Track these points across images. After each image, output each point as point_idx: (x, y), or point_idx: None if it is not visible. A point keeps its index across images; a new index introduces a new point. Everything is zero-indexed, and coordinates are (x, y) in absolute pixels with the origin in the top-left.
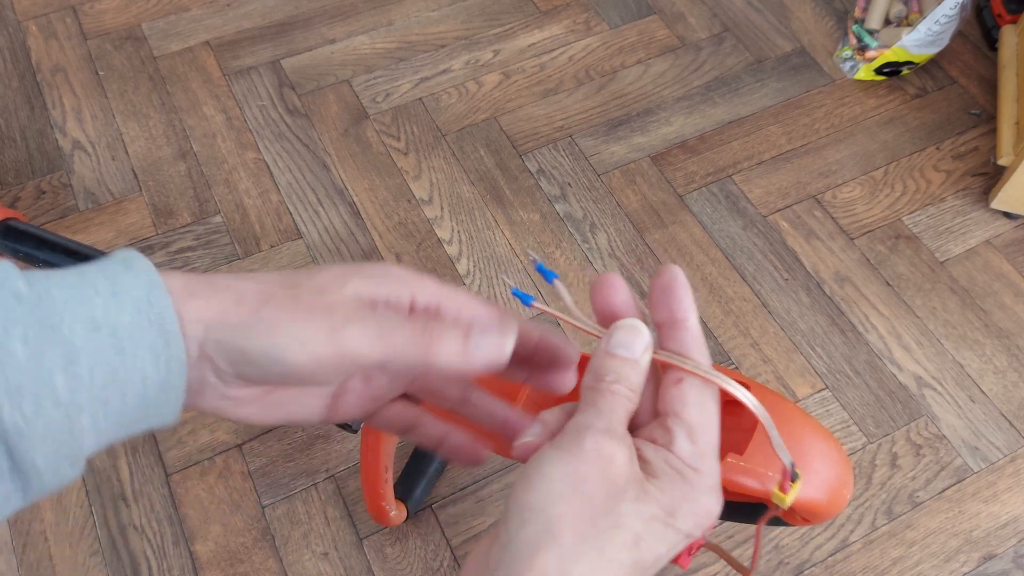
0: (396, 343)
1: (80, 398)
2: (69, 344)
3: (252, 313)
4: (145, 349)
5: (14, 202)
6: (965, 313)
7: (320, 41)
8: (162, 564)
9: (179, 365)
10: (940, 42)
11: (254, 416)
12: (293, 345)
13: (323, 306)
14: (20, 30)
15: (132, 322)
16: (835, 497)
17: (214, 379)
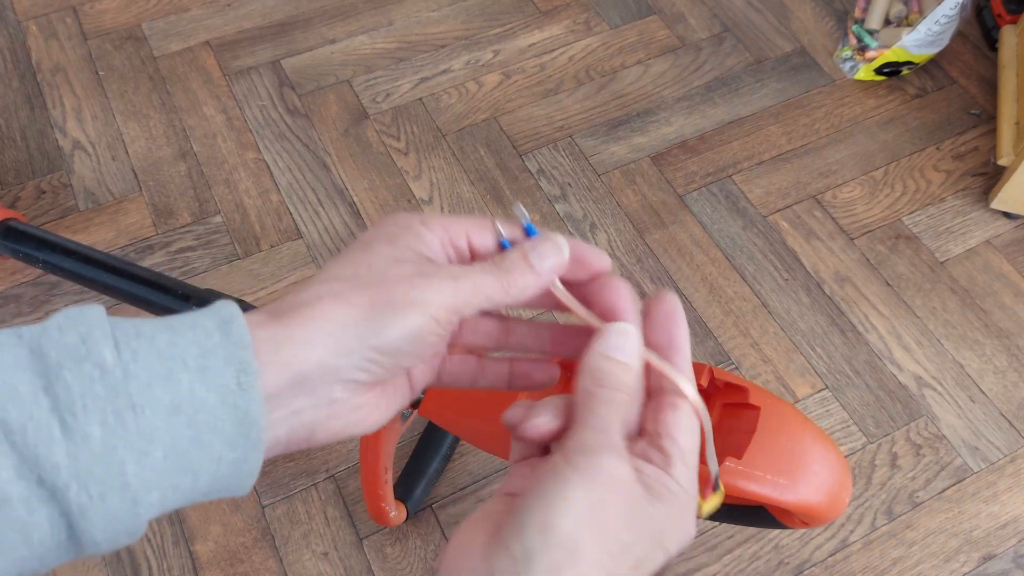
0: (483, 289)
1: (149, 478)
2: (147, 429)
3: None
4: (223, 435)
5: (14, 202)
6: (965, 313)
7: (320, 41)
8: (162, 564)
9: (255, 447)
10: (940, 42)
11: (381, 416)
12: (423, 313)
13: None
14: (20, 30)
15: (216, 404)
16: (833, 501)
17: (342, 394)
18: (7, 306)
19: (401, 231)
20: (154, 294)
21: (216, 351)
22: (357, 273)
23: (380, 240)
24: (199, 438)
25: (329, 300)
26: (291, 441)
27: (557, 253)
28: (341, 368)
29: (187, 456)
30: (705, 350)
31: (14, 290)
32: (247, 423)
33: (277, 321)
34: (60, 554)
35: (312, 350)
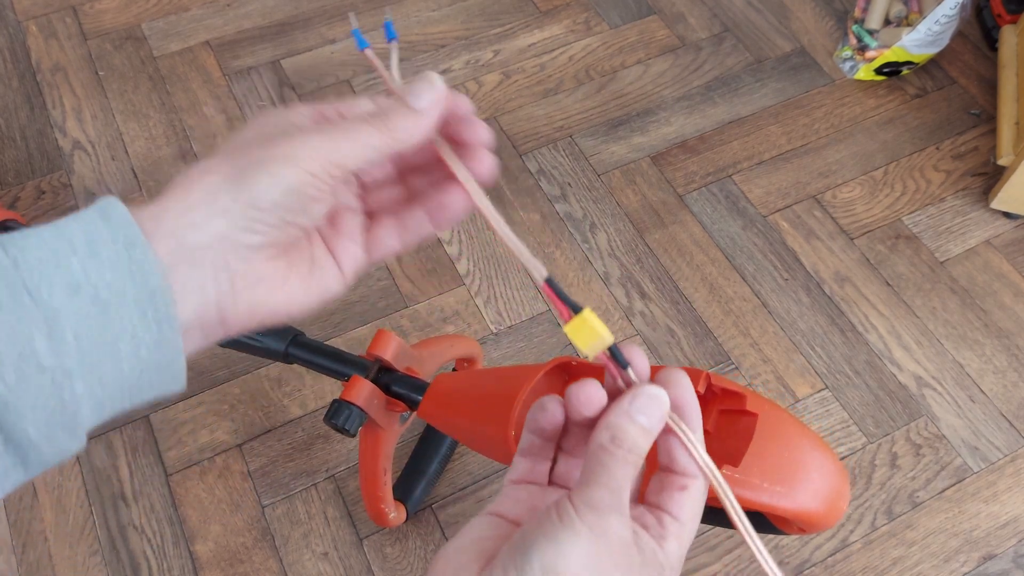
0: (363, 139)
1: (67, 363)
2: (48, 308)
3: (231, 171)
4: (130, 308)
5: (14, 202)
6: (965, 313)
7: (320, 41)
8: (162, 564)
9: (170, 321)
10: (940, 42)
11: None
12: (292, 167)
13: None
14: (20, 30)
15: (114, 280)
16: (831, 508)
17: (237, 264)
18: None
19: (270, 114)
20: None
21: (100, 232)
22: (226, 147)
23: (249, 127)
24: (106, 316)
25: (197, 173)
26: (204, 323)
27: (431, 88)
28: (225, 232)
29: (100, 337)
30: (705, 350)
31: None
32: (152, 293)
33: (154, 203)
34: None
35: (191, 216)
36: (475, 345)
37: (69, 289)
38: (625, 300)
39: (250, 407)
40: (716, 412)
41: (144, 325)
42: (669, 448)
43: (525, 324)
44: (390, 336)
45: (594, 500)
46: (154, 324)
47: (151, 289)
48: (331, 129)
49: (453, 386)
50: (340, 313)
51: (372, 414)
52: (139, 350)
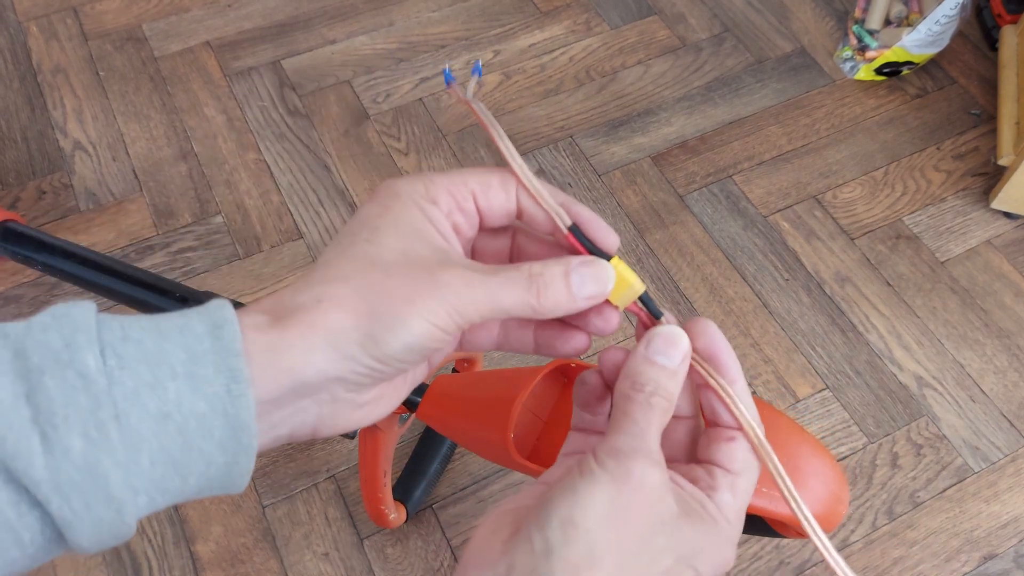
0: (506, 302)
1: (136, 484)
2: (133, 436)
3: (364, 316)
4: (214, 442)
5: (15, 203)
6: (966, 313)
7: (321, 42)
8: (163, 565)
9: (247, 452)
10: (940, 42)
11: (388, 406)
12: (422, 326)
13: (426, 275)
14: (21, 31)
15: (206, 412)
16: (829, 513)
17: (345, 394)
18: (7, 307)
19: (405, 213)
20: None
21: (206, 357)
22: (360, 271)
23: (386, 229)
24: (188, 444)
25: (329, 305)
26: (294, 436)
27: (601, 283)
28: (343, 374)
29: (176, 463)
30: None
31: (14, 291)
32: (238, 429)
33: (275, 325)
34: (50, 553)
35: (312, 357)
36: None
37: (158, 417)
38: None
39: None
40: None
41: (221, 452)
42: (710, 401)
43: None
44: None
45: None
46: (231, 453)
47: (241, 426)
48: (477, 283)
49: (452, 388)
50: None
51: None
52: (209, 470)
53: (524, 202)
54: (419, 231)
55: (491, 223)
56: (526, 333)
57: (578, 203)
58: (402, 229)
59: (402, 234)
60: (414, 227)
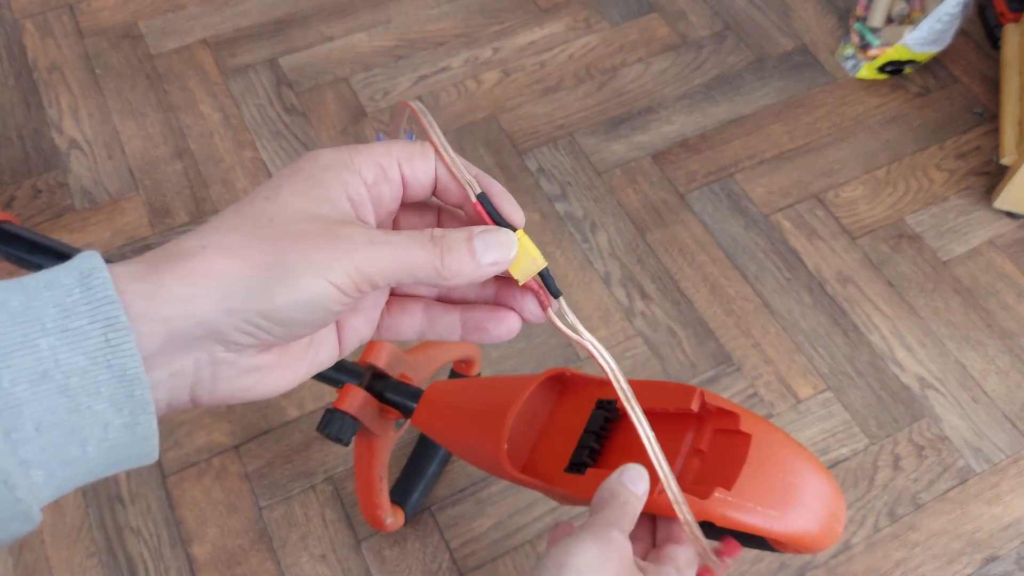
0: (409, 262)
1: (24, 454)
2: (9, 399)
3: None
4: (104, 398)
5: (10, 201)
6: (968, 313)
7: (318, 39)
8: (159, 566)
9: (144, 407)
10: (942, 40)
11: (288, 377)
12: (316, 284)
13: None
14: (16, 28)
15: (87, 366)
16: (826, 532)
17: (225, 354)
18: None
19: (317, 175)
20: None
21: (77, 308)
22: (254, 225)
23: (291, 188)
24: (76, 405)
25: (214, 252)
26: (171, 404)
27: (503, 250)
28: (224, 329)
29: (66, 426)
30: (706, 351)
31: None
32: (128, 381)
33: (153, 272)
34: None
35: (191, 306)
36: (472, 346)
37: (35, 377)
38: (626, 300)
39: (247, 408)
40: (710, 432)
41: (116, 412)
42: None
43: (525, 325)
44: (382, 344)
45: (600, 519)
46: (127, 411)
47: (128, 378)
48: (381, 242)
49: (447, 395)
50: None
51: (366, 422)
52: (108, 434)
53: (441, 173)
54: (327, 195)
55: (414, 195)
56: (452, 318)
57: (491, 179)
58: (309, 191)
59: (307, 196)
60: (323, 190)
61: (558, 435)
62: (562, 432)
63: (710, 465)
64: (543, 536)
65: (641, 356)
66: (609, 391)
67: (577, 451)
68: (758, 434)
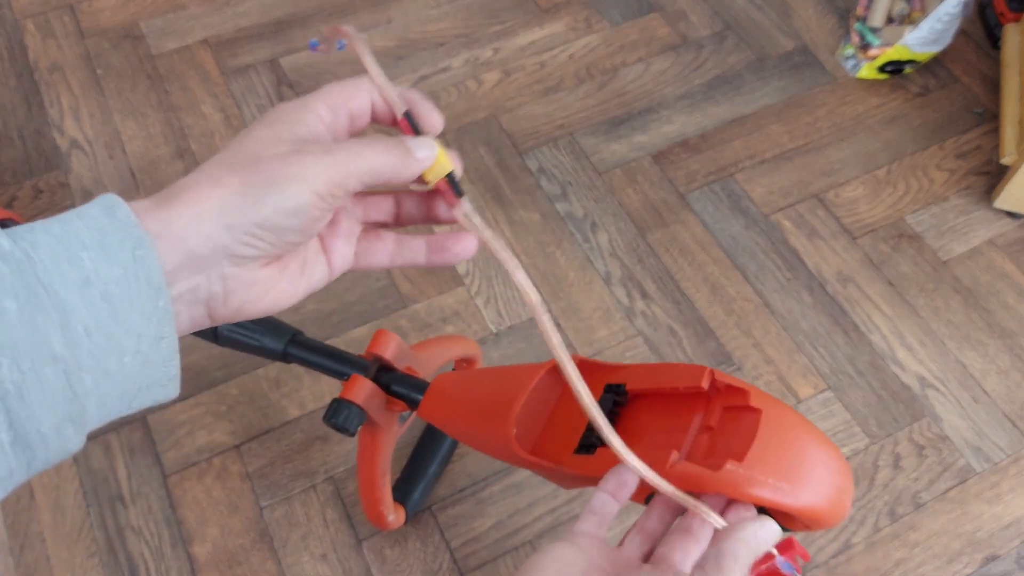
0: (371, 164)
1: (78, 355)
2: (61, 302)
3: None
4: (135, 307)
5: (11, 201)
6: (968, 313)
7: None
8: (160, 566)
9: (167, 318)
10: (943, 40)
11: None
12: (283, 202)
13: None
14: (18, 28)
15: (121, 276)
16: (835, 505)
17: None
18: None
19: (281, 115)
20: None
21: (107, 230)
22: (233, 158)
23: (258, 126)
24: (113, 311)
25: (206, 184)
26: (193, 320)
27: (430, 148)
28: (227, 244)
29: (108, 332)
30: (706, 351)
31: None
32: (154, 291)
33: (163, 204)
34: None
35: (199, 225)
36: (474, 346)
37: (80, 283)
38: (626, 300)
39: (248, 408)
40: (720, 408)
41: (145, 321)
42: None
43: (525, 324)
44: (390, 335)
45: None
46: (154, 321)
47: (154, 287)
48: (337, 149)
49: (453, 385)
50: (339, 313)
51: (372, 413)
52: (140, 345)
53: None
54: (293, 129)
55: (362, 124)
56: (418, 243)
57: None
58: (278, 128)
59: (277, 130)
60: (289, 126)
61: (567, 419)
62: (571, 416)
63: (721, 440)
64: (543, 536)
65: (642, 356)
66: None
67: (586, 433)
68: (768, 410)
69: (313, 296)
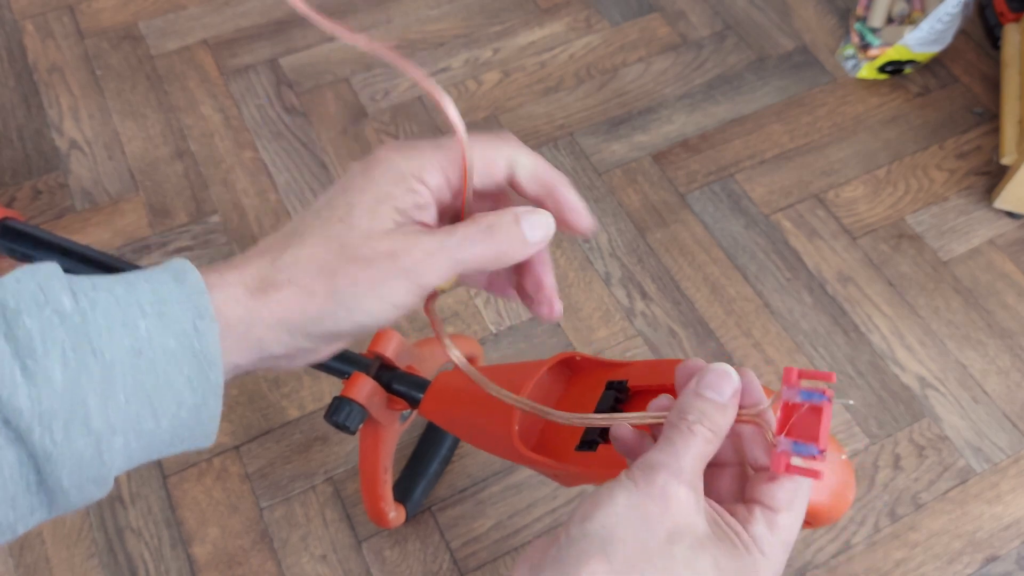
0: (468, 262)
1: (113, 421)
2: (108, 370)
3: (328, 300)
4: (184, 378)
5: (11, 202)
6: (968, 313)
7: (318, 39)
8: (160, 567)
9: (215, 391)
10: (943, 40)
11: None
12: (380, 307)
13: (387, 256)
14: (17, 29)
15: (175, 348)
16: (837, 501)
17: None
18: None
19: (390, 188)
20: None
21: (172, 297)
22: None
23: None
24: (160, 382)
25: (297, 289)
26: (258, 369)
27: (549, 227)
28: (304, 347)
29: (149, 400)
30: (707, 351)
31: None
32: (206, 365)
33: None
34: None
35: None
36: (475, 345)
37: (131, 352)
38: (626, 300)
39: (248, 409)
40: None
41: (191, 392)
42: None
43: (525, 325)
44: (391, 334)
45: (648, 461)
46: (200, 392)
47: (208, 362)
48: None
49: (455, 383)
50: None
51: (373, 412)
52: (180, 411)
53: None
54: (395, 207)
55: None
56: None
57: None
58: (378, 208)
59: (376, 214)
60: (391, 203)
61: None
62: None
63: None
64: (544, 536)
65: (642, 356)
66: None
67: (588, 430)
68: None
69: None
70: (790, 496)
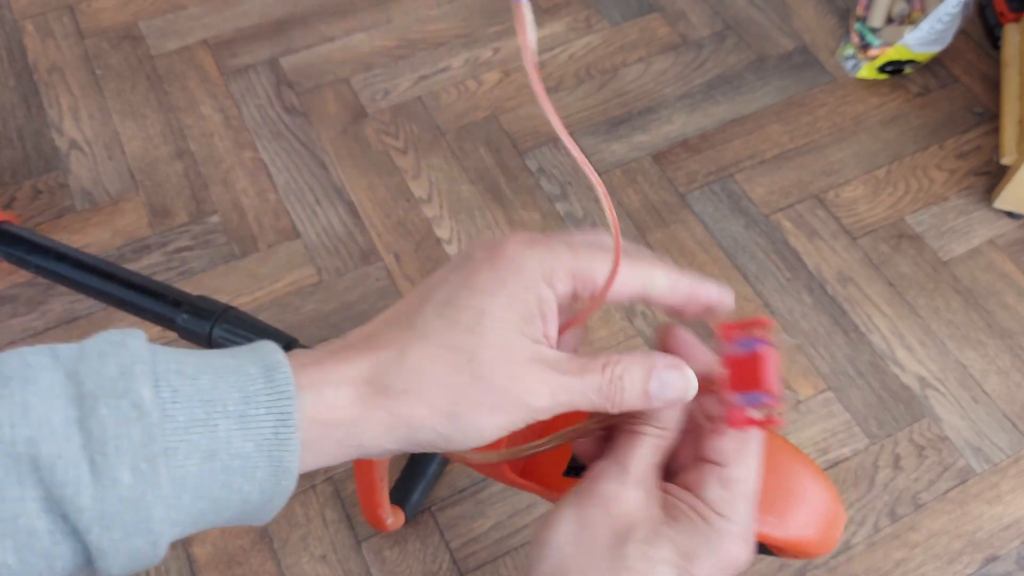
0: (581, 401)
1: (176, 518)
2: (179, 474)
3: (446, 419)
4: (256, 482)
5: (11, 202)
6: (968, 313)
7: (319, 39)
8: (159, 567)
9: (285, 494)
10: (943, 40)
11: None
12: (491, 431)
13: (514, 382)
14: (17, 29)
15: (253, 453)
16: (824, 537)
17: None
18: (3, 307)
19: (521, 294)
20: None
21: (258, 398)
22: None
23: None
24: (230, 484)
25: (416, 401)
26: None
27: (684, 391)
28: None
29: (215, 500)
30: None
31: (10, 291)
32: (280, 473)
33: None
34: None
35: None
36: None
37: (206, 455)
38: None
39: None
40: None
41: (260, 492)
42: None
43: None
44: None
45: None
46: (268, 494)
47: (284, 470)
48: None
49: None
50: (339, 313)
51: None
52: (244, 507)
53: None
54: (524, 319)
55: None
56: None
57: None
58: (508, 319)
59: (507, 327)
60: (521, 314)
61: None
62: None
63: None
64: None
65: None
66: None
67: (575, 456)
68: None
69: (313, 296)
70: (737, 446)
